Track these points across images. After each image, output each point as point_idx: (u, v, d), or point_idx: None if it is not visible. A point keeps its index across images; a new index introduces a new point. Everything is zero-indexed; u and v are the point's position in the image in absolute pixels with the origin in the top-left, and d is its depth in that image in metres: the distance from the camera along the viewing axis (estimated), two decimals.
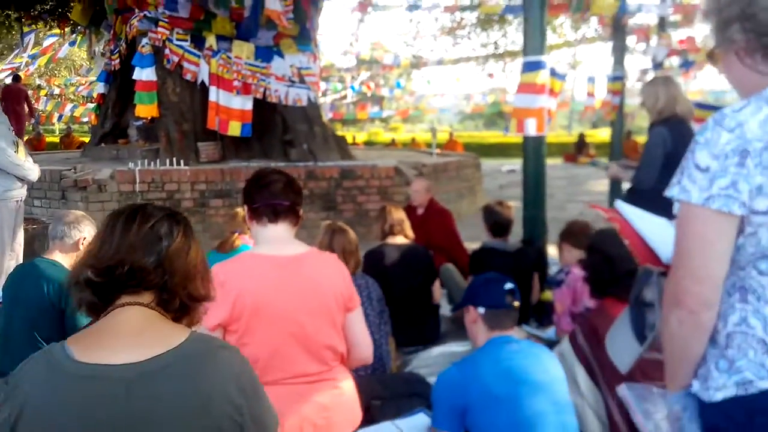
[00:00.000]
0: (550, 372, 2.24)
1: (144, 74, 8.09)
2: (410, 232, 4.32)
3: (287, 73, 8.84)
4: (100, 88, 9.53)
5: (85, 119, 21.70)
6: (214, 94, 8.33)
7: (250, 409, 1.24)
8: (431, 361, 3.93)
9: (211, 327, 1.87)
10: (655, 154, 3.95)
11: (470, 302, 2.39)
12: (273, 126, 8.88)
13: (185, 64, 8.30)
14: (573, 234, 3.78)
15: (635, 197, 4.04)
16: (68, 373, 1.15)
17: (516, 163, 19.20)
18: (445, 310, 4.67)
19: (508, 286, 2.38)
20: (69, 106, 20.46)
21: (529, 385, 2.15)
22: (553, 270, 4.79)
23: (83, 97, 24.30)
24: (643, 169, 3.90)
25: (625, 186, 9.88)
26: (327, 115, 15.02)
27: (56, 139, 21.24)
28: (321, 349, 2.03)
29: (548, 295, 4.56)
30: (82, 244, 3.38)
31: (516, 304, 2.37)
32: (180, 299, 1.29)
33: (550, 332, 3.85)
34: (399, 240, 4.21)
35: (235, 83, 8.37)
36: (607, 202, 9.62)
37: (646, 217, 1.54)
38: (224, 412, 1.20)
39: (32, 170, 4.96)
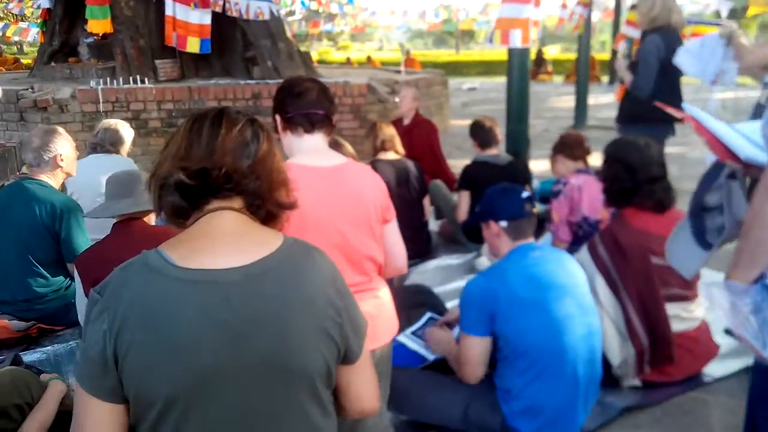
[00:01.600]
0: (573, 275, 2.29)
1: None
2: (401, 148, 4.30)
3: None
4: (45, 3, 8.88)
5: (16, 38, 20.36)
6: (170, 8, 7.86)
7: (347, 310, 1.25)
8: (429, 274, 4.01)
9: None
10: (652, 61, 3.99)
11: (490, 217, 2.37)
12: (233, 42, 8.51)
13: None
14: (568, 146, 3.80)
15: (633, 104, 4.10)
16: (175, 278, 1.11)
17: (473, 81, 19.15)
18: (433, 225, 4.74)
19: (525, 194, 2.38)
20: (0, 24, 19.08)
21: (555, 289, 2.20)
22: (534, 183, 4.88)
23: (14, 15, 22.68)
24: (642, 77, 3.94)
25: (592, 101, 10.00)
26: None
27: None
28: (362, 259, 2.02)
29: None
30: (61, 159, 3.22)
31: (535, 210, 2.40)
32: (268, 206, 1.26)
33: (543, 242, 3.95)
34: (390, 156, 4.19)
35: None
36: (573, 118, 9.75)
37: (711, 118, 1.55)
38: (326, 314, 1.20)
39: None
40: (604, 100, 12.36)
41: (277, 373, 1.14)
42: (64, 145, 3.24)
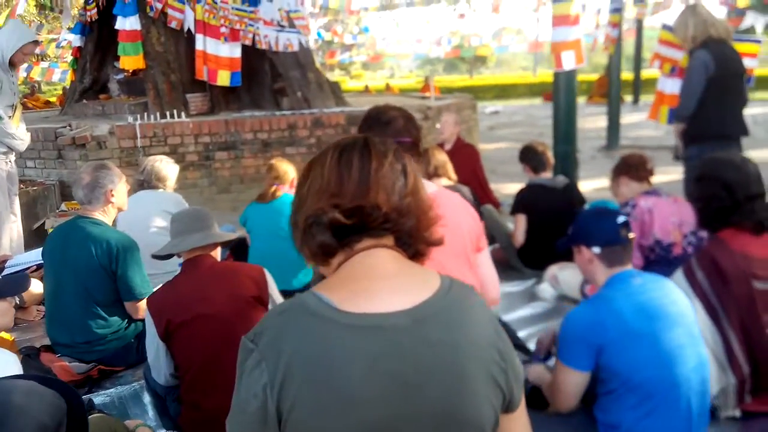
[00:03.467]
0: (678, 303, 2.16)
1: (127, 23, 7.59)
2: (453, 174, 4.22)
3: (276, 17, 8.44)
4: (76, 41, 8.96)
5: (39, 78, 20.67)
6: (201, 42, 7.91)
7: (508, 353, 1.14)
8: None
9: None
10: (695, 80, 3.93)
11: (581, 242, 2.26)
12: (261, 74, 8.52)
13: (169, 11, 7.80)
14: (632, 166, 3.66)
15: (688, 128, 4.02)
16: (340, 324, 1.01)
17: (494, 105, 19.12)
18: None
19: (621, 219, 2.27)
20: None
21: (665, 319, 2.07)
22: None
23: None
24: (683, 97, 3.88)
25: (625, 120, 9.91)
26: None
27: None
28: None
29: None
30: (112, 195, 3.15)
31: (631, 236, 2.28)
32: (418, 244, 1.16)
33: None
34: (443, 182, 4.10)
35: (222, 29, 7.94)
36: (604, 139, 9.64)
37: None
38: (492, 358, 1.09)
39: (22, 142, 4.65)
40: (632, 120, 12.25)
41: (450, 425, 1.03)
42: (114, 180, 3.18)
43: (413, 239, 1.14)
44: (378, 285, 1.06)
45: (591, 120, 12.19)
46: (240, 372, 1.03)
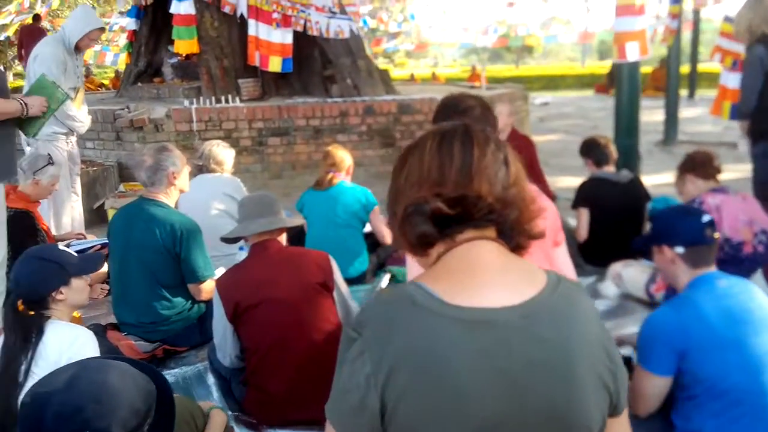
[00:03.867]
0: (765, 307, 2.07)
1: (182, 7, 7.66)
2: None
3: (327, 4, 8.41)
4: (131, 25, 9.11)
5: (91, 61, 21.13)
6: (254, 28, 7.95)
7: (616, 354, 1.10)
8: None
9: None
10: (751, 75, 3.83)
11: (664, 241, 2.19)
12: (312, 60, 8.52)
13: None
14: (699, 164, 3.54)
15: (753, 125, 3.89)
16: (450, 317, 0.98)
17: (543, 96, 18.79)
18: None
19: (706, 218, 2.18)
20: None
21: (752, 324, 1.99)
22: None
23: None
24: (742, 94, 3.77)
25: (681, 115, 9.63)
26: None
27: None
28: None
29: None
30: (174, 177, 3.15)
31: (716, 236, 2.19)
32: (519, 237, 1.12)
33: None
34: None
35: (275, 15, 7.97)
36: (662, 133, 9.39)
37: None
38: (601, 359, 1.05)
39: (82, 125, 4.72)
40: (688, 114, 11.90)
41: (557, 427, 1.00)
42: (176, 162, 3.19)
43: (515, 232, 1.10)
44: (484, 278, 1.03)
45: (646, 113, 11.80)
46: (341, 360, 1.02)
